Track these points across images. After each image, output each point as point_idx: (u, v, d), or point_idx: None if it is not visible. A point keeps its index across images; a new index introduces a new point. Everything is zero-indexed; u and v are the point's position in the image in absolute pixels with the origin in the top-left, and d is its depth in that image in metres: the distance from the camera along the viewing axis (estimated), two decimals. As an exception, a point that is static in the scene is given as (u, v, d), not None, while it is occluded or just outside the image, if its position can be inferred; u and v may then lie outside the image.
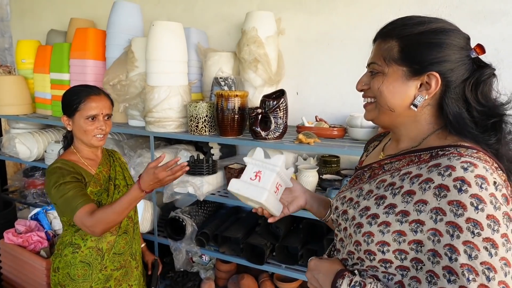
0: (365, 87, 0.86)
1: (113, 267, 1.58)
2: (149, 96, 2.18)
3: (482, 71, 0.76)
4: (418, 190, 0.73)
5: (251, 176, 1.02)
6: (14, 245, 2.29)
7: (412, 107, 0.79)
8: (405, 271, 0.75)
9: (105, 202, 1.53)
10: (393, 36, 0.80)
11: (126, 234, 1.63)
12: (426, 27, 0.77)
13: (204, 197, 2.09)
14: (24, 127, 3.04)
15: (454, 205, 0.67)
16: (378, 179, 0.84)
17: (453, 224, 0.66)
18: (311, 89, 2.42)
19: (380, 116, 0.85)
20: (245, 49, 2.23)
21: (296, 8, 2.39)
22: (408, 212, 0.73)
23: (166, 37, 2.12)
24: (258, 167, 1.03)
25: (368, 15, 2.20)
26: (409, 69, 0.78)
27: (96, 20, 3.13)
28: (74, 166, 1.50)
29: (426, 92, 0.78)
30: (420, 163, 0.77)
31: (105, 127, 1.53)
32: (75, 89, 1.55)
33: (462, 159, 0.70)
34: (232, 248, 2.16)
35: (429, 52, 0.76)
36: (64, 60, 2.66)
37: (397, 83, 0.80)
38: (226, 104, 1.97)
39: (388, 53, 0.80)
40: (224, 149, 2.60)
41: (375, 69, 0.83)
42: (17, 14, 3.70)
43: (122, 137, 2.77)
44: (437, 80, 0.76)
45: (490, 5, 1.94)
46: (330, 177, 2.14)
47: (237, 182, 1.03)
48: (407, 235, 0.72)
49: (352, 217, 0.84)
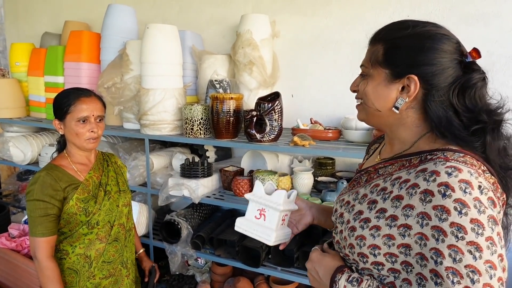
0: (356, 88, 0.89)
1: (102, 276, 1.55)
2: (144, 99, 2.17)
3: (470, 76, 0.76)
4: (406, 195, 0.74)
5: (256, 215, 1.02)
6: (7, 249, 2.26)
7: (394, 109, 0.81)
8: (396, 273, 0.76)
9: (91, 209, 1.49)
10: (380, 39, 0.83)
11: (117, 242, 1.59)
12: (411, 31, 0.79)
13: (199, 200, 2.09)
14: (18, 130, 3.02)
15: (439, 210, 0.68)
16: (373, 184, 0.86)
17: (438, 229, 0.68)
18: (306, 92, 2.43)
19: (368, 117, 0.88)
20: (240, 52, 2.23)
21: (291, 11, 2.40)
22: (396, 217, 0.74)
23: (161, 40, 2.12)
24: (260, 205, 1.01)
25: (362, 18, 2.21)
26: (391, 71, 0.80)
27: (91, 23, 3.12)
28: (60, 175, 1.47)
29: (407, 95, 0.79)
30: (410, 167, 0.78)
31: (97, 129, 1.51)
32: (65, 92, 1.53)
33: (447, 163, 0.71)
34: (228, 251, 2.16)
35: (410, 55, 0.78)
36: (58, 63, 2.65)
37: (380, 86, 0.82)
38: (221, 107, 1.97)
39: (374, 56, 0.83)
40: (219, 152, 2.60)
41: (363, 71, 0.86)
42: (11, 17, 3.68)
43: (117, 140, 2.76)
44: (416, 83, 0.77)
45: (482, 8, 1.96)
46: (326, 179, 2.15)
47: (243, 222, 1.03)
48: (396, 239, 0.74)
49: (347, 221, 0.86)
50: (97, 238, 1.52)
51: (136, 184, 2.31)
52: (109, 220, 1.56)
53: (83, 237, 1.50)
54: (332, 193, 1.94)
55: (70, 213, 1.46)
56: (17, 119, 2.85)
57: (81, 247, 1.50)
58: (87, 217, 1.49)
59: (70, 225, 1.48)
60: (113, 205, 1.58)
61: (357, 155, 1.75)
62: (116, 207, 1.59)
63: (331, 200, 1.92)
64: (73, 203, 1.46)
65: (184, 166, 2.17)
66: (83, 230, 1.49)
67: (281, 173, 2.11)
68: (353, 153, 1.77)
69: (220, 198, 2.13)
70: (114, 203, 1.59)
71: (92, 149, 1.57)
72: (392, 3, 2.13)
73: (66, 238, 1.50)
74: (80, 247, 1.50)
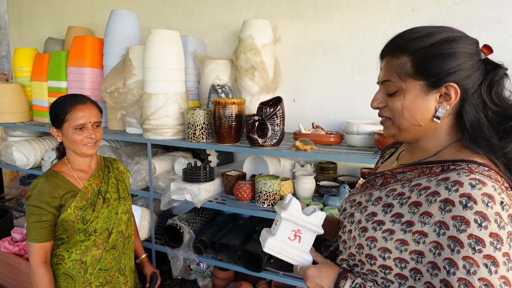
0: (381, 105, 0.86)
1: (98, 283, 1.54)
2: (147, 104, 2.18)
3: (495, 72, 0.77)
4: (425, 202, 0.73)
5: (290, 236, 0.94)
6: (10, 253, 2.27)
7: (435, 119, 0.79)
8: (403, 279, 0.75)
9: (89, 217, 1.49)
10: (403, 51, 0.80)
11: (115, 249, 1.58)
12: (436, 38, 0.77)
13: (201, 204, 2.09)
14: (21, 135, 3.04)
15: (458, 220, 0.67)
16: (389, 188, 0.85)
17: (455, 239, 0.67)
18: (307, 96, 2.44)
19: (401, 132, 0.84)
20: (242, 57, 2.24)
21: (293, 16, 2.42)
22: (413, 223, 0.74)
23: (163, 45, 2.13)
24: (297, 226, 0.94)
25: (364, 23, 2.22)
26: (426, 82, 0.78)
27: (94, 28, 3.14)
28: (59, 182, 1.47)
29: (447, 103, 0.78)
30: (431, 175, 0.77)
31: (95, 135, 1.50)
32: (61, 99, 1.52)
33: (472, 175, 0.70)
34: (230, 255, 2.16)
35: (444, 63, 0.76)
36: (61, 68, 2.67)
37: (417, 99, 0.79)
38: (223, 112, 1.98)
39: (401, 69, 0.80)
40: (221, 156, 2.61)
41: (391, 88, 0.82)
42: (15, 22, 3.72)
43: (119, 145, 2.77)
44: (456, 90, 0.76)
45: (483, 14, 1.97)
46: (327, 184, 2.15)
47: (276, 243, 0.95)
48: (410, 245, 0.73)
49: (358, 221, 0.85)
50: (94, 245, 1.52)
51: (138, 189, 2.31)
52: (107, 227, 1.55)
53: (80, 243, 1.50)
54: (334, 198, 1.94)
55: (68, 221, 1.46)
56: (20, 123, 2.86)
57: (77, 253, 1.50)
58: (84, 225, 1.48)
59: (67, 232, 1.48)
60: (112, 213, 1.57)
61: (358, 159, 1.76)
62: (115, 215, 1.58)
63: (333, 204, 1.92)
64: (71, 211, 1.46)
65: (186, 171, 2.18)
66: (80, 237, 1.49)
67: (283, 178, 2.12)
68: (354, 158, 1.78)
69: (222, 203, 2.13)
70: (113, 210, 1.58)
71: (92, 155, 1.57)
72: (393, 9, 2.14)
73: (63, 244, 1.50)
74: (76, 253, 1.50)
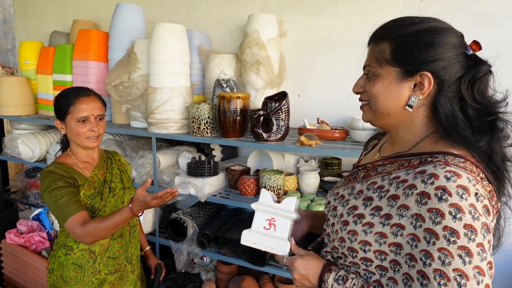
0: (361, 90, 0.87)
1: (107, 271, 1.56)
2: (151, 98, 2.18)
3: (478, 68, 0.76)
4: (402, 195, 0.74)
5: (264, 225, 0.95)
6: (16, 245, 2.29)
7: (407, 107, 0.80)
8: (384, 271, 0.77)
9: (98, 205, 1.51)
10: (385, 37, 0.81)
11: (122, 237, 1.60)
12: (417, 27, 0.78)
13: (205, 198, 2.10)
14: (27, 128, 3.06)
15: (433, 213, 0.68)
16: (370, 181, 0.85)
17: (430, 231, 0.68)
18: (312, 91, 2.43)
19: (376, 118, 0.85)
20: (247, 51, 2.23)
21: (298, 11, 2.40)
22: (391, 216, 0.75)
23: (168, 39, 2.13)
24: (270, 214, 0.95)
25: (370, 18, 2.20)
26: (402, 69, 0.79)
27: (99, 21, 3.14)
28: (67, 170, 1.48)
29: (420, 92, 0.78)
30: (409, 168, 0.78)
31: (98, 128, 1.51)
32: (65, 92, 1.53)
33: (447, 168, 0.70)
34: (233, 249, 2.17)
35: (420, 51, 0.77)
36: (66, 61, 2.67)
37: (391, 85, 0.80)
38: (228, 106, 1.98)
39: (380, 54, 0.81)
40: (225, 151, 2.61)
41: (369, 72, 0.84)
42: (20, 16, 3.72)
43: (124, 138, 2.78)
44: (430, 79, 0.76)
45: (491, 9, 1.95)
46: (332, 179, 2.15)
47: (251, 234, 0.96)
48: (388, 238, 0.75)
49: (340, 214, 0.86)
50: None
51: (143, 182, 2.32)
52: None
53: None
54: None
55: None
56: (25, 116, 2.88)
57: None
58: (93, 214, 1.50)
59: None
60: (118, 202, 1.60)
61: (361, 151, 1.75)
62: (121, 204, 1.61)
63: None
64: (81, 200, 1.48)
65: (190, 165, 2.18)
66: None
67: (287, 173, 2.12)
68: (359, 153, 1.76)
69: (226, 197, 2.14)
70: (119, 199, 1.60)
71: (94, 148, 1.58)
72: (400, 4, 2.12)
73: None
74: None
